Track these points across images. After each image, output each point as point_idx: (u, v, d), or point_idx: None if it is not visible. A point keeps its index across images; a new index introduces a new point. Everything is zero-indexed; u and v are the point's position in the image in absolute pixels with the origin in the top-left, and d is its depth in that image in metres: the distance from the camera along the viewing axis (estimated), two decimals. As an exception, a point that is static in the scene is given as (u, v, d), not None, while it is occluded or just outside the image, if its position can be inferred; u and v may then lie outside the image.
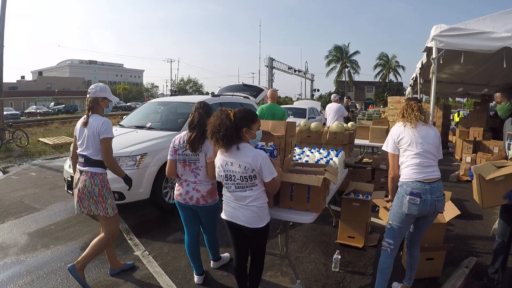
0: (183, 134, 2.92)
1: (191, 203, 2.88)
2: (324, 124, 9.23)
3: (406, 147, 2.59)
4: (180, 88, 56.60)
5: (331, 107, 8.45)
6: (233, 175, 2.36)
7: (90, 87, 3.02)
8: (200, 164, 2.83)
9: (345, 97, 14.03)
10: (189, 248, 3.07)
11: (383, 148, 2.81)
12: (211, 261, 3.37)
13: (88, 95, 2.98)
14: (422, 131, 2.60)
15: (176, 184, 2.98)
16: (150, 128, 5.45)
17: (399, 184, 2.63)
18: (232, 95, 7.08)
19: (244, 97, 7.38)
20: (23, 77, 68.84)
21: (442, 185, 2.61)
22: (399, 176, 2.67)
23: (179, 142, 2.89)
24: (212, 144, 2.47)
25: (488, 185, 2.75)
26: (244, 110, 2.46)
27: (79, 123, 3.01)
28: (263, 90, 8.03)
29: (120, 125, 5.89)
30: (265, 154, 2.38)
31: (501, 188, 2.71)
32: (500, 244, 2.95)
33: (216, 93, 7.70)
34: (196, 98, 5.76)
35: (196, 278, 3.12)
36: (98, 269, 3.35)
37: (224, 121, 2.31)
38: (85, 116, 2.97)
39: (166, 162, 3.12)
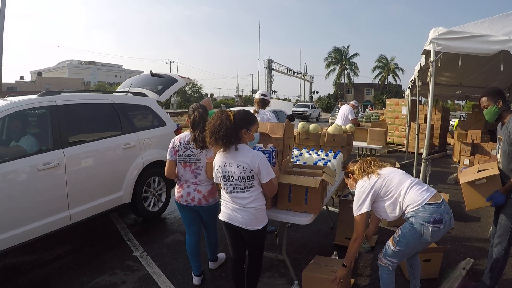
0: (184, 134, 2.93)
1: (193, 204, 2.91)
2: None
3: (396, 186, 2.48)
4: (179, 89, 56.55)
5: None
6: (232, 176, 2.38)
7: None
8: (201, 164, 2.85)
9: (339, 99, 13.84)
10: (190, 248, 3.08)
11: (356, 214, 2.54)
12: (209, 261, 3.38)
13: None
14: (390, 169, 2.59)
15: (176, 186, 2.99)
16: None
17: (408, 216, 2.43)
18: (127, 92, 4.97)
19: (135, 93, 5.02)
20: (22, 77, 68.40)
21: None
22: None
23: (180, 142, 2.90)
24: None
25: (469, 188, 2.78)
26: (244, 111, 2.50)
27: None
28: (176, 81, 5.69)
29: None
30: (263, 155, 2.40)
31: (483, 191, 2.71)
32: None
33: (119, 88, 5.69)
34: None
35: (194, 279, 3.13)
36: (97, 271, 3.35)
37: (224, 121, 2.32)
38: None
39: None
